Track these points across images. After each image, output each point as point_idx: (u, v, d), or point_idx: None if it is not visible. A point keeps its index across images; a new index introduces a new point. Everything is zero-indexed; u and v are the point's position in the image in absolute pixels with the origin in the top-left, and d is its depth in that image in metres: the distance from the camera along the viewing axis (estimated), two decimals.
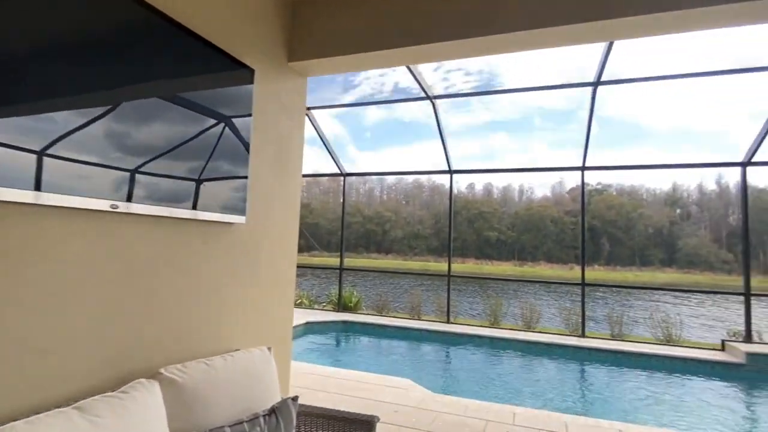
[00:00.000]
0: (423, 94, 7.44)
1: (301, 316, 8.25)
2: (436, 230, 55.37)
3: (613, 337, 8.03)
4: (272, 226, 2.89)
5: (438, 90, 7.71)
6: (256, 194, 2.68)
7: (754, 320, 6.97)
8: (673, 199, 53.75)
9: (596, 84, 6.51)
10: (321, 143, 9.28)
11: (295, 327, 7.68)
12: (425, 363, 6.74)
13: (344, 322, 8.44)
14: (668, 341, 7.80)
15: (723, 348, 6.95)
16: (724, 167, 7.58)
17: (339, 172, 9.72)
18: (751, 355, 6.28)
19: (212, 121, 2.27)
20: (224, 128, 2.35)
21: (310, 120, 8.81)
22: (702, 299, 22.43)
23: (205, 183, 2.23)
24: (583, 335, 7.69)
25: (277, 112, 2.93)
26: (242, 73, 2.49)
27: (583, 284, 7.86)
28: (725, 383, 6.07)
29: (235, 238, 2.51)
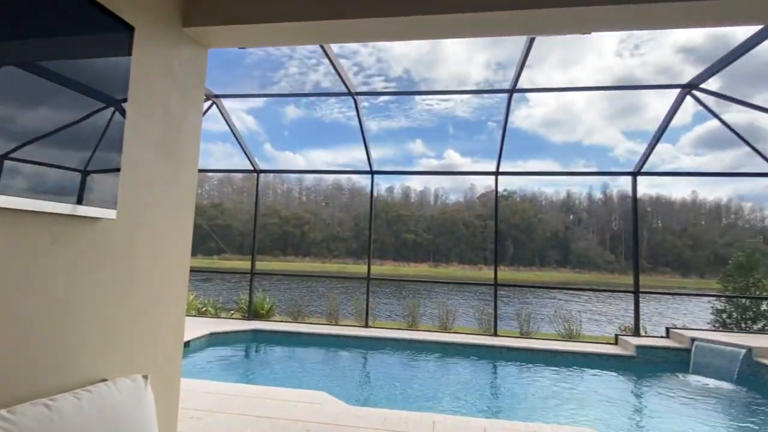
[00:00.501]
0: (345, 90, 7.13)
1: (204, 327, 7.44)
2: (355, 232, 55.36)
3: (522, 335, 8.41)
4: (156, 223, 2.36)
5: (359, 99, 7.47)
6: (133, 183, 2.14)
7: (640, 315, 7.70)
8: (567, 206, 59.68)
9: (511, 91, 6.72)
10: (234, 140, 8.54)
11: (195, 339, 6.89)
12: (343, 372, 6.40)
13: (254, 331, 7.78)
14: (570, 337, 8.35)
15: (616, 342, 7.57)
16: (617, 176, 8.34)
17: (252, 168, 9.02)
18: (640, 348, 6.90)
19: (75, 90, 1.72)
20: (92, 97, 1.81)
21: (219, 110, 8.04)
22: (595, 296, 24.98)
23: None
24: (495, 334, 7.92)
25: (167, 85, 2.41)
26: (116, 28, 1.96)
27: (496, 284, 8.10)
28: (619, 374, 6.58)
29: (102, 237, 1.96)
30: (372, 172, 8.53)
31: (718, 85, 6.43)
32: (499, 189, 8.29)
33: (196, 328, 7.32)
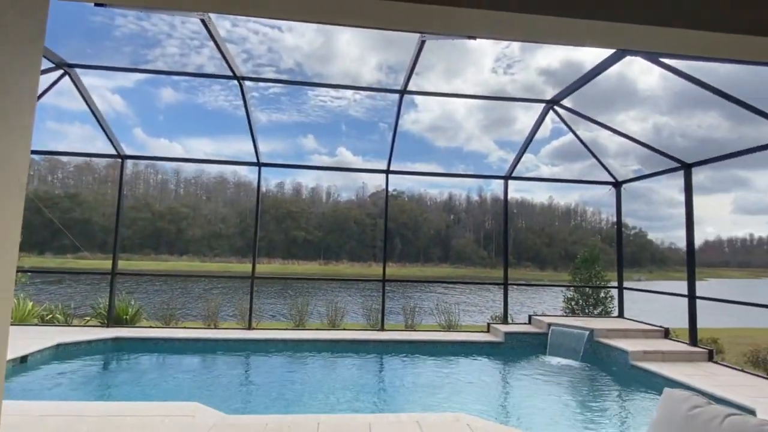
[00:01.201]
0: (229, 74, 6.59)
1: (49, 337, 6.26)
2: (241, 229, 52.34)
3: (408, 328, 8.74)
4: None
5: (246, 85, 6.98)
6: None
7: (506, 304, 8.56)
8: (449, 206, 64.35)
9: (402, 92, 6.91)
10: (95, 122, 7.32)
11: (36, 353, 5.75)
12: (222, 379, 5.90)
13: (115, 340, 6.78)
14: (449, 328, 8.92)
15: (488, 330, 8.30)
16: (492, 179, 9.16)
17: (117, 153, 7.85)
18: (508, 334, 7.65)
19: None
20: None
21: (74, 83, 6.82)
22: (469, 289, 27.29)
23: None
24: (382, 328, 8.09)
25: None
26: None
27: (384, 280, 8.28)
28: (491, 359, 7.21)
29: None
30: (259, 164, 8.06)
31: (570, 105, 7.44)
32: (389, 189, 8.49)
33: (38, 339, 6.12)
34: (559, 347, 7.47)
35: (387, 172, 8.25)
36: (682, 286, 7.42)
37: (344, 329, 8.25)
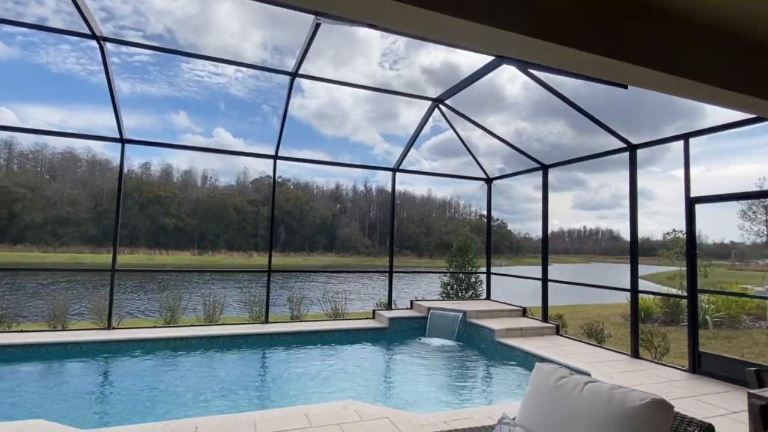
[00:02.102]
0: (86, 32, 5.56)
1: None
2: (95, 214, 45.37)
3: (294, 319, 8.54)
4: None
5: (107, 48, 5.98)
6: None
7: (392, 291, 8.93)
8: (335, 196, 64.53)
9: (294, 74, 6.62)
10: None
11: None
12: (76, 388, 5.04)
13: None
14: (336, 316, 8.97)
15: (373, 316, 8.55)
16: (381, 170, 9.39)
17: None
18: (392, 319, 7.98)
19: None
20: None
21: None
22: (356, 277, 27.83)
23: None
24: (266, 321, 7.78)
25: None
26: None
27: (269, 270, 7.95)
28: (376, 344, 7.45)
29: None
30: (123, 140, 7.02)
31: (452, 105, 8.00)
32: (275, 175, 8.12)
33: None
34: (437, 329, 8.04)
35: (275, 157, 7.88)
36: (535, 271, 8.57)
37: (224, 324, 7.72)
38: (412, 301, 9.14)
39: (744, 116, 4.69)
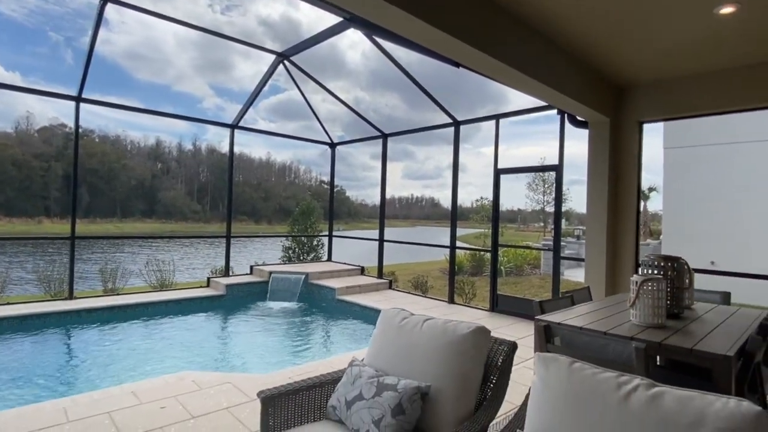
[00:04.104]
0: None
1: None
2: None
3: (107, 293, 7.37)
4: None
5: None
6: None
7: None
8: (156, 154, 56.57)
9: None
10: None
11: None
12: None
13: None
14: (163, 287, 8.08)
15: (208, 284, 7.99)
16: (212, 125, 8.54)
17: None
18: (229, 286, 7.59)
19: None
20: None
21: None
22: (182, 245, 25.23)
23: None
24: (71, 297, 6.53)
25: None
26: None
27: (73, 238, 6.62)
28: (212, 312, 7.02)
29: None
30: None
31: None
32: (72, 123, 6.64)
33: None
34: (279, 292, 8.00)
35: (78, 99, 6.42)
36: (371, 234, 9.20)
37: (8, 303, 6.19)
38: (252, 267, 8.84)
39: (539, 103, 5.77)
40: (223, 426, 2.91)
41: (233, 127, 8.21)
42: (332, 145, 9.95)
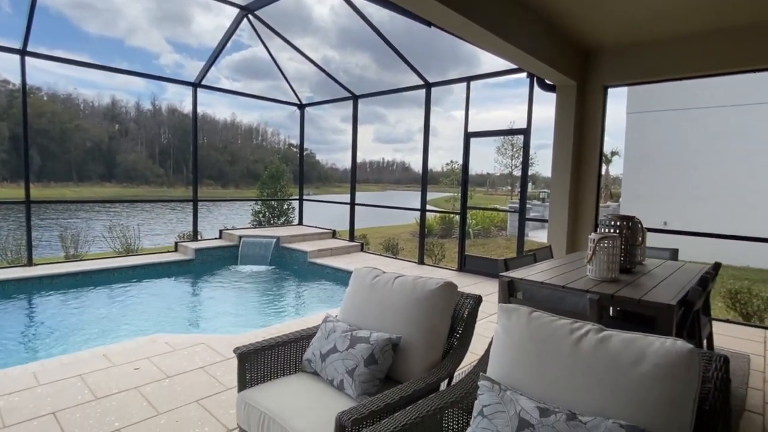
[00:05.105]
0: None
1: None
2: None
3: (69, 259, 7.14)
4: None
5: None
6: None
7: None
8: (112, 114, 53.38)
9: None
10: None
11: None
12: None
13: None
14: (128, 252, 7.89)
15: (176, 249, 7.86)
16: (175, 84, 8.11)
17: None
18: (198, 251, 7.49)
19: None
20: None
21: None
22: (144, 210, 24.40)
23: None
24: (30, 264, 6.30)
25: None
26: None
27: (28, 202, 6.30)
28: (181, 277, 6.95)
29: None
30: None
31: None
32: (16, 80, 6.17)
33: None
34: (250, 256, 7.97)
35: (23, 53, 5.93)
36: (342, 198, 9.19)
37: None
38: (221, 231, 8.72)
39: (510, 66, 5.79)
40: (199, 383, 2.98)
41: (195, 85, 7.83)
42: (301, 107, 9.70)
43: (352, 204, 8.80)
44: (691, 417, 1.21)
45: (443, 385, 1.93)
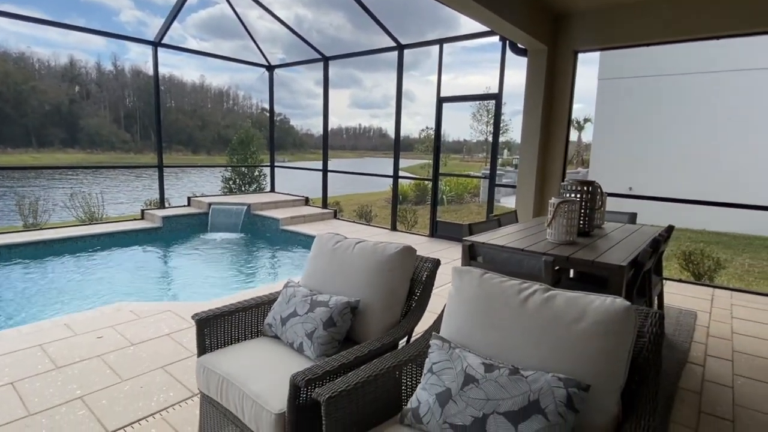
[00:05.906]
0: None
1: None
2: None
3: (29, 227, 6.86)
4: None
5: None
6: None
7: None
8: (71, 75, 50.24)
9: None
10: None
11: None
12: None
13: None
14: (92, 220, 7.63)
15: (143, 217, 7.65)
16: (137, 43, 7.60)
17: None
18: (166, 218, 7.31)
19: None
20: None
21: None
22: (111, 176, 23.48)
23: None
24: None
25: None
26: None
27: None
28: (148, 245, 6.80)
29: None
30: None
31: None
32: None
33: None
34: (220, 224, 7.84)
35: None
36: (316, 165, 9.05)
37: None
38: (189, 198, 8.50)
39: (483, 29, 5.66)
40: (165, 350, 2.97)
41: (156, 44, 7.38)
42: (270, 68, 9.32)
43: (325, 171, 8.69)
44: (624, 368, 1.29)
45: (402, 345, 1.99)
